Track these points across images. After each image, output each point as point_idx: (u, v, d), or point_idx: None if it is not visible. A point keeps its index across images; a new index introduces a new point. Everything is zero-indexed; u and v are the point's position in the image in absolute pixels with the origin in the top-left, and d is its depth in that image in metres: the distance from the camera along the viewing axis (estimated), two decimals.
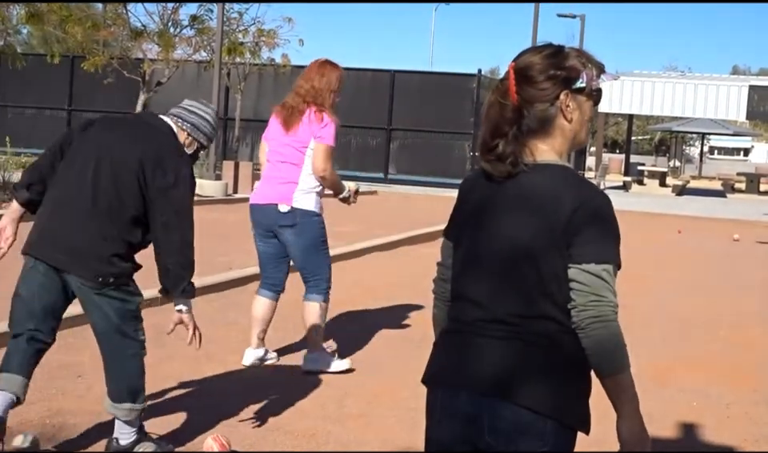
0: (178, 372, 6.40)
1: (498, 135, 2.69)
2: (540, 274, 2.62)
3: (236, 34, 25.12)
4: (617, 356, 2.62)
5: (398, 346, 7.69)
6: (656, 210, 25.28)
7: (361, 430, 5.61)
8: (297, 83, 6.74)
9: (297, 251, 6.61)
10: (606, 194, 2.71)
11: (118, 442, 4.81)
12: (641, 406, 2.71)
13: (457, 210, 2.88)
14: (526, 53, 2.76)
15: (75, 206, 4.63)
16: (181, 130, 4.86)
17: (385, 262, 12.68)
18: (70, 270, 4.60)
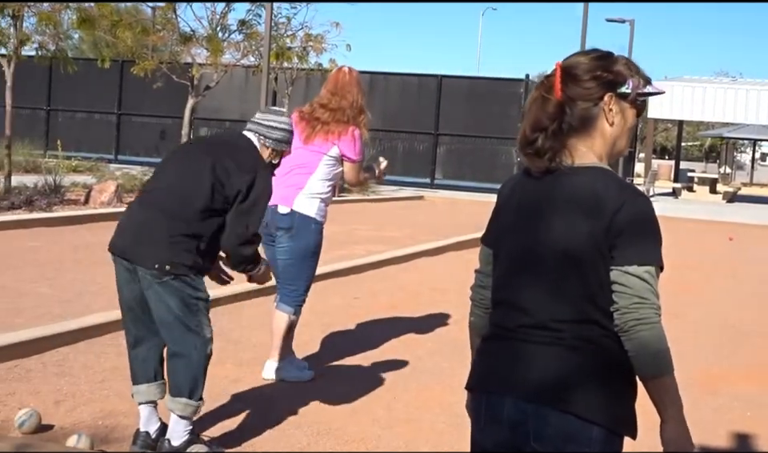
0: (230, 375, 6.45)
1: (538, 129, 2.70)
2: (583, 278, 2.62)
3: (284, 39, 25.21)
4: (660, 358, 2.60)
5: (444, 351, 7.70)
6: (706, 217, 25.03)
7: (410, 435, 5.62)
8: (322, 92, 6.62)
9: (285, 254, 6.40)
10: (646, 195, 2.71)
11: (169, 443, 4.84)
12: (693, 414, 2.70)
13: (496, 215, 2.88)
14: (575, 54, 2.79)
15: (145, 200, 4.89)
16: (264, 147, 5.03)
17: (431, 267, 12.67)
18: (133, 260, 4.75)
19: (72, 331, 7.16)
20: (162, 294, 4.71)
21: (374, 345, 7.74)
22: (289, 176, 6.39)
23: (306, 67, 26.38)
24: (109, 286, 9.26)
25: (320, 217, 6.42)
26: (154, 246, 4.69)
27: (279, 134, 5.05)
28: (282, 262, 6.43)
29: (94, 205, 16.17)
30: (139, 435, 4.94)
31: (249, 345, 7.43)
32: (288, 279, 6.46)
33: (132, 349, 4.95)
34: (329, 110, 6.45)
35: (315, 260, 6.53)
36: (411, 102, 29.70)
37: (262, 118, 5.09)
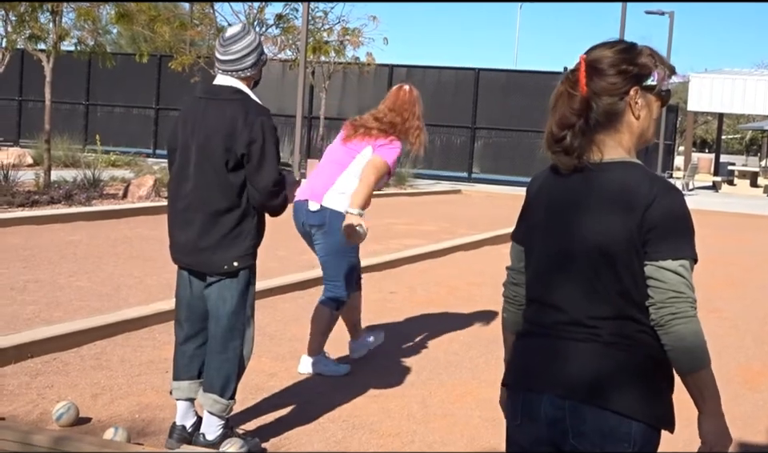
0: (266, 369, 6.48)
1: (566, 126, 2.67)
2: (617, 274, 2.60)
3: (321, 33, 25.27)
4: (698, 352, 2.59)
5: (480, 345, 7.68)
6: (747, 211, 24.80)
7: (446, 430, 5.61)
8: (380, 107, 6.59)
9: (321, 251, 6.47)
10: (678, 188, 2.69)
11: (204, 437, 4.88)
12: (733, 409, 2.69)
13: (526, 211, 2.87)
14: (599, 46, 2.75)
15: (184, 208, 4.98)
16: (244, 79, 4.87)
17: (468, 261, 12.65)
18: (202, 270, 4.92)
19: (109, 325, 7.22)
20: (226, 288, 4.81)
21: (410, 339, 7.73)
22: (322, 171, 6.49)
23: (344, 61, 26.42)
24: (146, 279, 9.38)
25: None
26: (216, 251, 4.76)
27: (250, 58, 4.83)
28: (321, 260, 6.52)
29: (132, 199, 16.29)
30: (175, 429, 4.97)
31: (284, 339, 7.45)
32: (328, 276, 6.53)
33: (181, 345, 4.98)
34: (380, 121, 6.46)
35: (353, 254, 6.53)
36: (448, 96, 29.66)
37: (227, 54, 4.82)
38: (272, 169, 4.75)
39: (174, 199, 4.93)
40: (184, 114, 4.93)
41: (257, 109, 4.79)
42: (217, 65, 4.88)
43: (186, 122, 4.87)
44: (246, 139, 4.69)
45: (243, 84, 4.86)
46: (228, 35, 4.87)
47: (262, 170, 4.73)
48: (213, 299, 4.84)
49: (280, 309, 8.51)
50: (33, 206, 14.22)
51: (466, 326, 8.38)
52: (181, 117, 4.94)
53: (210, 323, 4.87)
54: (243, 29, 4.91)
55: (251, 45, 4.85)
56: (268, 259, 5.07)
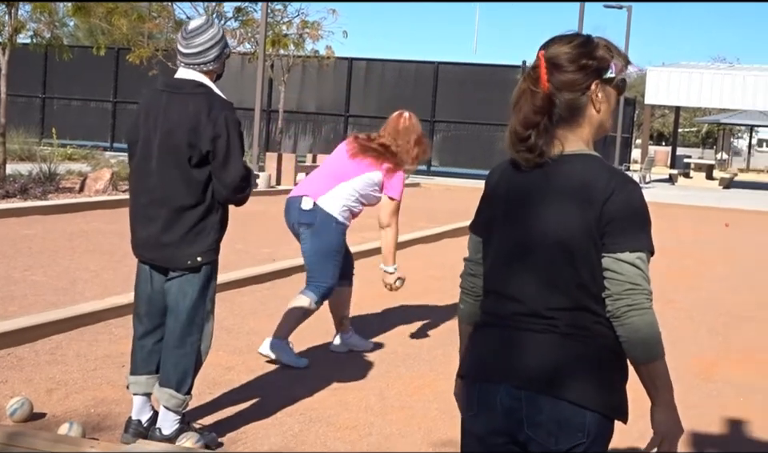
0: (223, 363, 6.44)
1: (531, 126, 2.67)
2: (575, 266, 2.62)
3: (280, 26, 25.21)
4: (652, 343, 2.62)
5: (438, 337, 7.70)
6: (703, 203, 25.06)
7: (403, 422, 5.61)
8: (384, 132, 6.73)
9: (308, 251, 6.53)
10: (635, 181, 2.71)
11: (160, 432, 4.84)
12: (686, 399, 2.71)
13: (484, 203, 2.86)
14: (555, 41, 2.74)
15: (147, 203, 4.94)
16: (207, 73, 4.82)
17: (427, 254, 12.66)
18: (165, 264, 4.89)
19: (65, 319, 7.15)
20: (187, 283, 4.77)
21: (368, 332, 7.72)
22: (323, 175, 6.62)
23: (303, 54, 26.35)
24: (102, 274, 9.30)
25: (342, 218, 6.54)
26: (180, 246, 4.73)
27: (213, 52, 4.78)
28: (307, 258, 6.58)
29: (89, 193, 16.16)
30: (131, 423, 4.93)
31: (242, 333, 7.42)
32: (314, 273, 6.57)
33: (139, 339, 4.94)
34: (388, 150, 6.62)
35: (339, 258, 6.61)
36: (408, 89, 29.70)
37: (190, 47, 4.76)
38: (238, 164, 4.74)
39: (136, 193, 4.88)
40: (145, 107, 4.87)
41: (221, 103, 4.75)
42: (179, 57, 4.83)
43: (147, 114, 4.81)
44: (210, 135, 4.64)
45: (206, 77, 4.81)
46: (191, 28, 4.82)
47: (229, 166, 4.70)
48: (173, 293, 4.80)
49: (238, 302, 8.47)
50: None
51: (424, 319, 8.39)
52: (141, 109, 4.88)
53: (168, 318, 4.83)
54: (206, 21, 4.87)
55: (214, 38, 4.80)
56: (226, 252, 5.03)
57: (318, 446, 5.16)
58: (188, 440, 4.83)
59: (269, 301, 8.67)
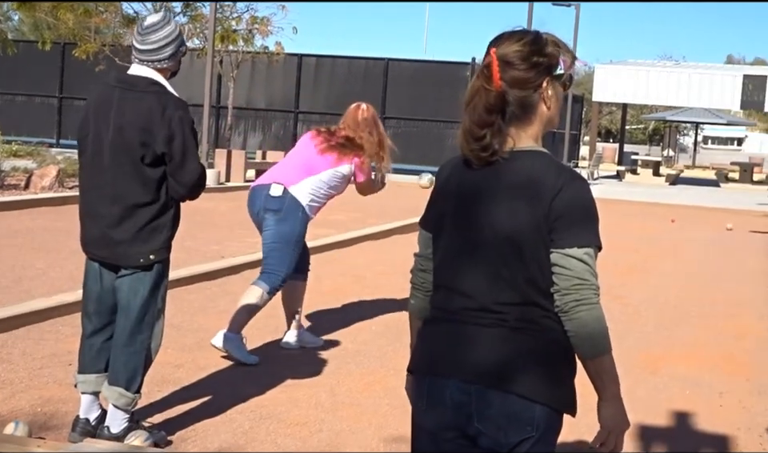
0: (172, 361, 6.40)
1: (485, 125, 2.68)
2: (524, 261, 2.64)
3: (229, 22, 25.08)
4: (600, 338, 2.65)
5: (388, 334, 7.71)
6: (649, 199, 25.32)
7: (354, 418, 5.62)
8: (344, 125, 6.82)
9: (269, 238, 6.55)
10: (583, 177, 2.73)
11: (108, 430, 4.80)
12: (633, 393, 2.74)
13: (434, 199, 2.87)
14: (506, 39, 2.74)
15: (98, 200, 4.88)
16: (161, 70, 4.77)
17: (377, 250, 12.69)
18: (117, 262, 4.83)
19: (11, 318, 7.06)
20: (139, 280, 4.73)
21: (318, 329, 7.72)
22: (291, 167, 6.66)
23: (252, 50, 26.24)
24: (49, 271, 9.19)
25: (309, 210, 6.60)
26: (133, 244, 4.68)
27: (168, 49, 4.74)
28: (266, 245, 6.59)
29: (34, 190, 15.96)
30: (79, 422, 4.88)
31: (191, 330, 7.38)
32: (271, 262, 6.57)
33: (88, 338, 4.88)
34: (352, 143, 6.71)
35: (298, 248, 6.63)
36: (358, 85, 29.65)
37: (145, 44, 4.71)
38: (195, 164, 4.73)
39: (86, 190, 4.82)
40: (96, 102, 4.79)
41: (174, 103, 4.70)
42: (134, 53, 4.78)
43: (98, 109, 4.75)
44: (164, 136, 4.61)
45: (160, 75, 4.76)
46: (147, 24, 4.77)
47: (186, 166, 4.68)
48: (124, 291, 4.76)
49: (186, 300, 8.42)
50: None
51: (374, 315, 8.40)
52: (92, 104, 4.80)
53: (119, 316, 4.78)
54: (163, 18, 4.81)
55: (170, 35, 4.75)
56: (175, 249, 4.99)
57: (268, 443, 5.15)
58: (137, 439, 4.79)
59: (218, 298, 8.63)
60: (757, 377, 7.18)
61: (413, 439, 2.84)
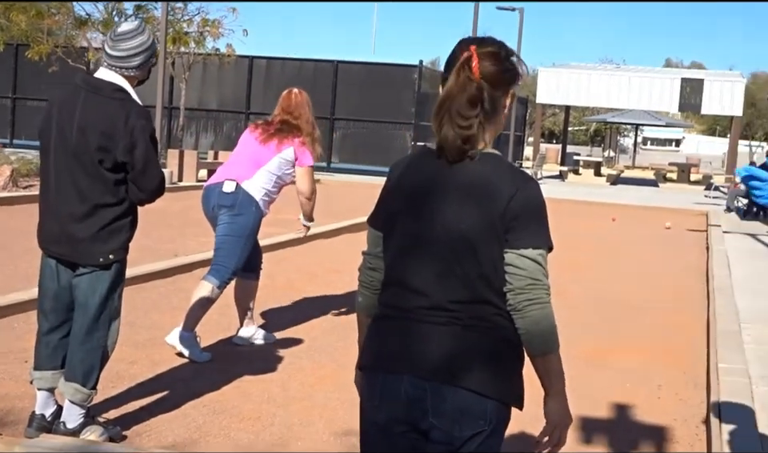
0: (126, 357, 6.36)
1: (469, 117, 2.68)
2: (478, 260, 2.66)
3: (180, 24, 24.92)
4: (549, 337, 2.69)
5: (338, 330, 7.73)
6: (591, 198, 25.54)
7: (305, 412, 5.63)
8: (279, 110, 6.84)
9: (222, 231, 6.56)
10: (536, 181, 2.76)
11: (65, 426, 4.78)
12: (577, 386, 2.79)
13: (385, 198, 2.86)
14: (482, 41, 2.76)
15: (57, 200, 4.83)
16: (129, 78, 4.75)
17: (327, 248, 12.69)
18: (77, 260, 4.80)
19: None
20: (98, 279, 4.72)
21: (270, 326, 7.72)
22: (239, 162, 6.67)
23: (203, 52, 26.10)
24: (2, 269, 9.09)
25: (262, 204, 6.63)
26: (94, 243, 4.67)
27: (138, 59, 4.72)
28: (218, 239, 6.59)
29: None
30: (35, 418, 4.85)
31: (144, 327, 7.35)
32: (221, 256, 6.57)
33: (45, 335, 4.84)
34: (288, 125, 6.74)
35: (249, 243, 6.64)
36: (308, 88, 29.28)
37: (115, 50, 4.69)
38: (156, 171, 4.75)
39: (47, 187, 4.77)
40: (60, 101, 4.74)
41: (137, 112, 4.68)
42: (104, 57, 4.75)
43: (61, 109, 4.70)
44: (126, 144, 4.60)
45: (126, 82, 4.74)
46: (120, 31, 4.75)
47: (148, 174, 4.69)
48: (82, 289, 4.73)
49: (140, 297, 8.38)
50: None
51: (324, 312, 8.42)
52: (56, 103, 4.75)
53: (76, 313, 4.76)
54: (137, 27, 4.79)
55: (143, 45, 4.74)
56: (130, 248, 4.97)
57: (221, 437, 5.15)
58: (92, 434, 4.77)
59: (171, 295, 8.60)
60: (693, 370, 7.29)
61: (362, 433, 2.85)
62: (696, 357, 7.72)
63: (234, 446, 5.01)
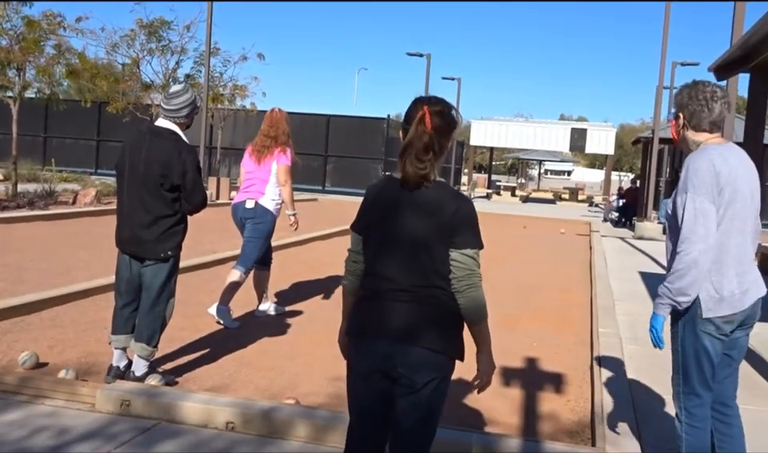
0: (178, 325, 6.30)
1: (424, 160, 2.66)
2: (432, 257, 2.65)
3: (218, 88, 24.77)
4: (482, 310, 2.70)
5: (330, 305, 7.69)
6: (509, 212, 25.64)
7: (307, 364, 5.59)
8: (263, 128, 6.65)
9: (248, 234, 6.51)
10: (471, 200, 2.76)
11: (134, 374, 4.73)
12: (499, 345, 2.78)
13: (365, 211, 2.82)
14: (433, 100, 2.73)
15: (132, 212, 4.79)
16: (179, 124, 4.72)
17: (322, 247, 12.64)
18: (145, 256, 4.75)
19: (63, 295, 6.90)
20: (159, 269, 4.67)
21: (282, 301, 7.68)
22: (253, 186, 6.53)
23: (234, 108, 25.98)
24: (90, 262, 8.99)
25: (275, 211, 6.53)
26: (157, 243, 4.62)
27: (185, 110, 4.71)
28: (245, 239, 6.52)
29: (79, 205, 15.60)
30: (112, 369, 4.79)
31: (192, 304, 7.28)
32: (246, 251, 6.50)
33: (120, 309, 4.79)
34: (270, 138, 6.56)
35: (268, 241, 6.59)
36: (308, 133, 29.55)
37: (169, 105, 4.69)
38: (201, 190, 4.71)
39: (122, 203, 4.72)
40: (132, 142, 4.72)
41: (187, 148, 4.67)
42: (161, 110, 4.74)
43: (133, 148, 4.69)
44: (179, 172, 4.59)
45: (178, 127, 4.73)
46: (171, 91, 4.75)
47: (195, 192, 4.67)
48: (149, 276, 4.68)
49: (189, 282, 8.30)
50: (3, 210, 13.47)
51: (320, 292, 8.38)
52: (129, 144, 4.73)
53: (144, 293, 4.72)
54: (183, 88, 4.79)
55: (187, 101, 4.74)
56: (183, 247, 4.92)
57: (246, 382, 5.11)
58: (154, 380, 4.72)
59: (211, 281, 8.53)
60: (581, 333, 7.31)
61: (348, 380, 2.83)
62: (583, 324, 7.75)
63: (255, 389, 4.96)
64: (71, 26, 17.43)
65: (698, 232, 3.13)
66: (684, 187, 3.20)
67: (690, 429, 3.33)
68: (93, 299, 7.08)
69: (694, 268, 3.15)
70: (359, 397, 2.78)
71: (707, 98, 3.32)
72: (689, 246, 3.14)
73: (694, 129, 3.36)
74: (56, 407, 4.27)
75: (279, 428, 4.09)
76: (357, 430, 2.83)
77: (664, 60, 19.41)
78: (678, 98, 3.41)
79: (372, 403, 2.75)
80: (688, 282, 3.17)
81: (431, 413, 2.70)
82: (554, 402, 5.09)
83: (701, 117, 3.33)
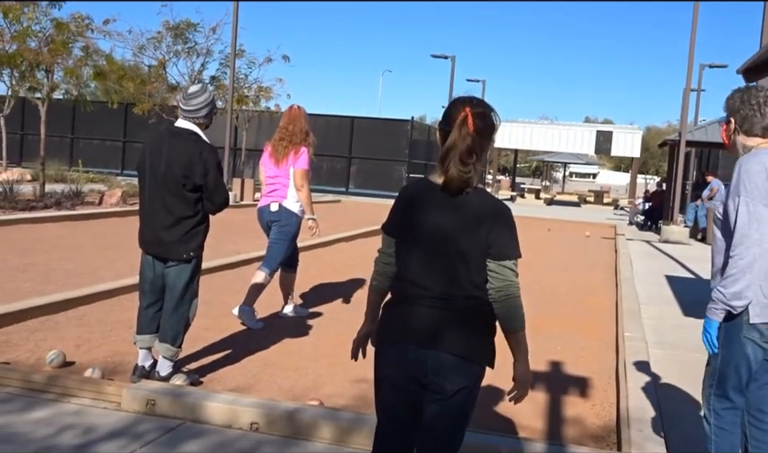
0: (203, 326, 6.34)
1: (468, 164, 2.60)
2: (468, 265, 2.62)
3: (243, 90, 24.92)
4: (520, 319, 2.68)
5: (355, 306, 7.69)
6: (533, 214, 25.50)
7: (330, 366, 5.60)
8: (281, 123, 6.63)
9: (273, 236, 6.53)
10: (509, 207, 2.70)
11: (159, 374, 4.76)
12: None
13: (398, 212, 2.77)
14: (473, 102, 2.66)
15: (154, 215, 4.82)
16: (199, 125, 4.74)
17: (346, 249, 12.65)
18: (167, 257, 4.79)
19: (89, 295, 6.97)
20: (182, 269, 4.69)
21: (305, 303, 7.69)
22: (275, 190, 6.53)
23: (259, 109, 26.12)
24: (116, 263, 9.07)
25: (299, 212, 6.53)
26: (179, 244, 4.65)
27: (204, 110, 4.73)
28: (270, 241, 6.53)
29: (105, 206, 15.75)
30: (137, 368, 4.83)
31: (216, 304, 7.32)
32: (271, 253, 6.52)
33: (144, 309, 4.83)
34: (286, 136, 6.51)
35: (293, 242, 6.60)
36: (333, 135, 29.61)
37: (188, 106, 4.70)
38: (223, 190, 4.72)
39: (145, 205, 4.75)
40: (153, 144, 4.75)
41: (208, 148, 4.69)
42: (180, 111, 4.75)
43: (153, 149, 4.71)
44: (201, 172, 4.60)
45: (197, 128, 4.75)
46: (190, 92, 4.77)
47: (217, 192, 4.68)
48: (172, 277, 4.71)
49: (213, 283, 8.35)
50: (31, 210, 13.65)
51: (344, 294, 8.38)
52: (149, 146, 4.76)
53: (167, 294, 4.74)
54: (201, 88, 4.80)
55: (206, 101, 4.75)
56: (205, 247, 4.95)
57: (270, 383, 5.12)
58: (178, 380, 4.75)
59: (235, 282, 8.56)
60: (606, 337, 7.26)
61: (377, 385, 2.78)
62: (608, 328, 7.69)
63: (279, 390, 4.98)
64: (99, 28, 17.66)
65: (752, 236, 3.11)
66: (736, 190, 3.17)
67: (718, 431, 3.30)
68: (119, 299, 7.14)
69: (749, 272, 3.12)
70: (388, 402, 2.76)
71: (760, 102, 3.28)
72: (744, 251, 3.11)
73: (746, 133, 3.32)
74: (82, 406, 4.32)
75: (303, 429, 4.10)
76: (385, 435, 2.81)
77: (692, 62, 19.21)
78: (730, 102, 3.36)
79: (401, 408, 2.73)
80: (743, 286, 3.13)
81: (461, 420, 2.68)
82: (579, 406, 5.06)
83: (753, 122, 3.29)
